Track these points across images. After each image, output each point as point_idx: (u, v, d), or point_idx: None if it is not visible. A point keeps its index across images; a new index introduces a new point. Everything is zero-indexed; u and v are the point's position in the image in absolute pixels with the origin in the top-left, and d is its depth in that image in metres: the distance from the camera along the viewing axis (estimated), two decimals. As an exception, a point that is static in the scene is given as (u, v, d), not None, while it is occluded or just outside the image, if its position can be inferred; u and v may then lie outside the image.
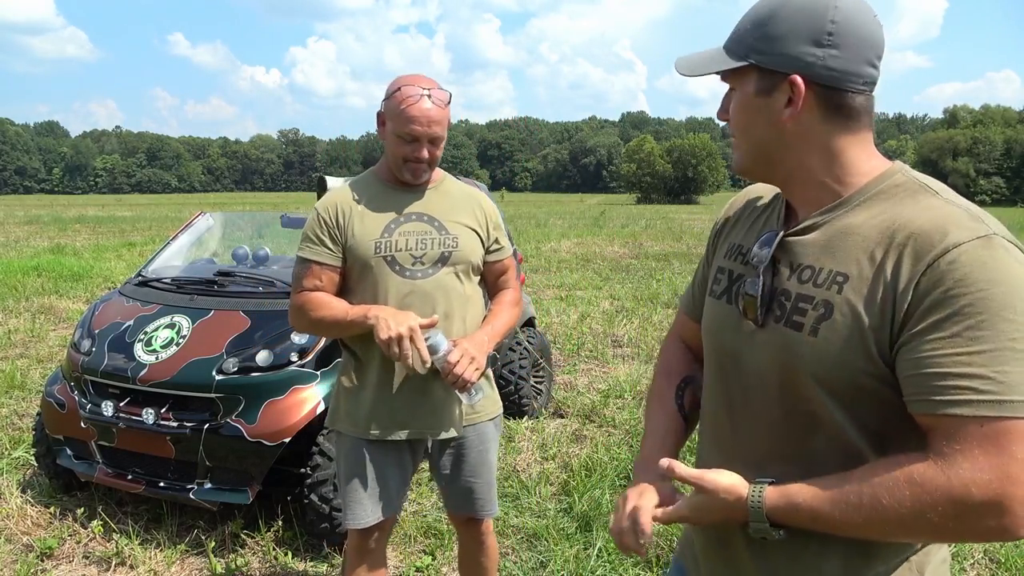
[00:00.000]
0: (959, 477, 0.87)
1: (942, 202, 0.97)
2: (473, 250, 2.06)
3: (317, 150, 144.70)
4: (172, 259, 4.05)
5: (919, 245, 0.92)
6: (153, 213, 32.70)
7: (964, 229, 0.91)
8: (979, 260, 0.89)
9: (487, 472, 2.16)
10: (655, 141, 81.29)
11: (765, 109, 1.04)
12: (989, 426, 0.87)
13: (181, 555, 3.12)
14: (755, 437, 1.10)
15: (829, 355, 0.98)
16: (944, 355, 0.89)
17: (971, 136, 76.50)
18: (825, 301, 0.99)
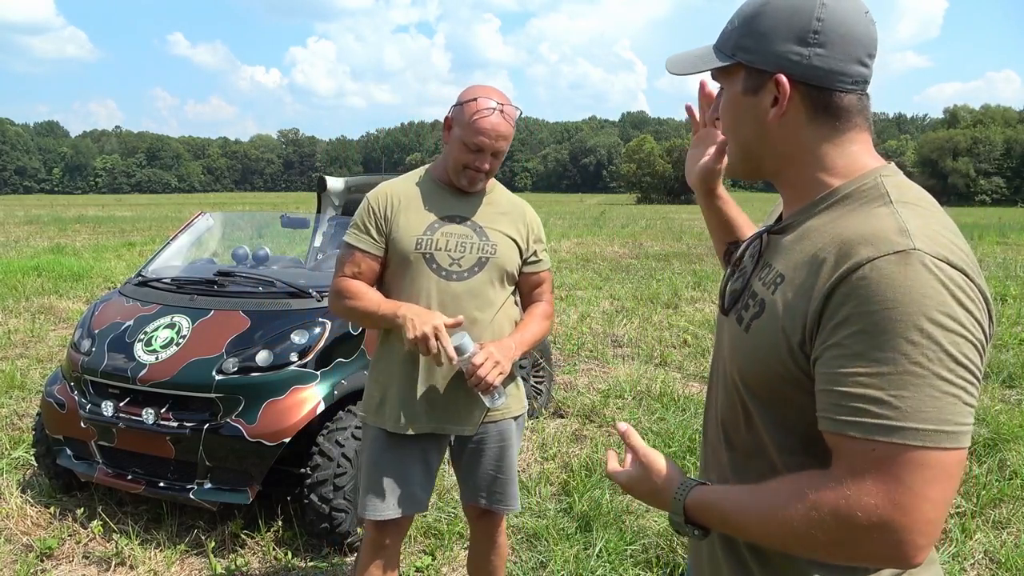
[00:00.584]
0: (847, 499, 0.86)
1: (886, 212, 0.93)
2: (510, 259, 2.11)
3: (317, 150, 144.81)
4: (172, 259, 4.04)
5: (839, 255, 0.90)
6: (153, 213, 32.71)
7: (884, 243, 0.87)
8: (889, 277, 0.85)
9: (506, 467, 2.19)
10: (655, 141, 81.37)
11: (752, 108, 1.03)
12: (881, 450, 0.84)
13: (181, 555, 3.12)
14: (715, 417, 1.15)
15: (753, 354, 0.99)
16: (845, 373, 0.86)
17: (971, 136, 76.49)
18: (762, 300, 1.01)
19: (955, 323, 0.84)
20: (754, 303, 1.02)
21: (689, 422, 4.44)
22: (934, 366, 0.83)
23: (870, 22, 1.00)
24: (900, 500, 0.83)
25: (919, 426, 0.83)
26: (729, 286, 1.14)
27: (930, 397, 0.83)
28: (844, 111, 1.00)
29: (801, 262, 0.96)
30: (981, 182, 74.77)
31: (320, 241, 4.54)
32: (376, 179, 5.28)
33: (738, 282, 1.11)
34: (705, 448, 1.19)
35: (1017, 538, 3.22)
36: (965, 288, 0.86)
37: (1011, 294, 9.15)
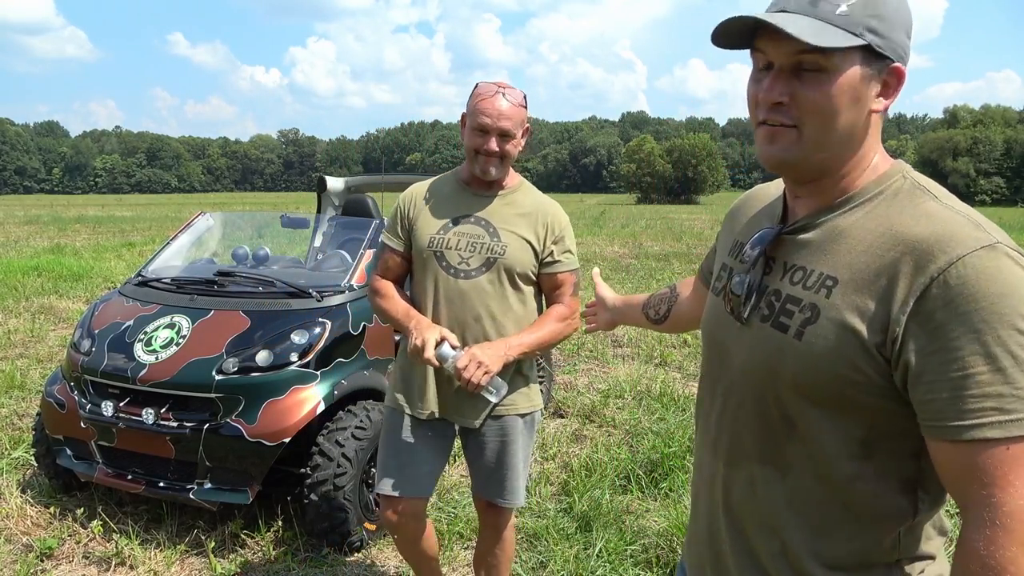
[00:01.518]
0: (1007, 509, 0.82)
1: (941, 207, 0.92)
2: (520, 260, 2.13)
3: (317, 150, 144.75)
4: (172, 259, 4.04)
5: (920, 255, 0.87)
6: (153, 213, 32.71)
7: (968, 239, 0.86)
8: (987, 272, 0.83)
9: (507, 463, 2.23)
10: (655, 141, 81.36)
11: (863, 95, 0.94)
12: (1017, 447, 0.81)
13: (181, 555, 3.12)
14: (734, 434, 1.07)
15: (813, 361, 0.94)
16: (963, 376, 0.83)
17: (971, 136, 76.49)
18: (812, 304, 0.95)
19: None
20: (799, 308, 0.96)
21: (689, 422, 4.44)
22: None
23: None
24: None
25: None
26: (730, 290, 1.09)
27: None
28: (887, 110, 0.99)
29: (854, 262, 0.93)
30: (981, 182, 74.74)
31: (320, 241, 4.54)
32: (376, 179, 5.32)
33: (741, 286, 1.06)
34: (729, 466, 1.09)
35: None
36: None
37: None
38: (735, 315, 1.07)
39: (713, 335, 1.14)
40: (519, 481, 2.25)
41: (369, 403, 3.29)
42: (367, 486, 3.23)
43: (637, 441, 4.26)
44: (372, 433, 3.16)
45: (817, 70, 0.93)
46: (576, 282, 2.23)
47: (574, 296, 2.22)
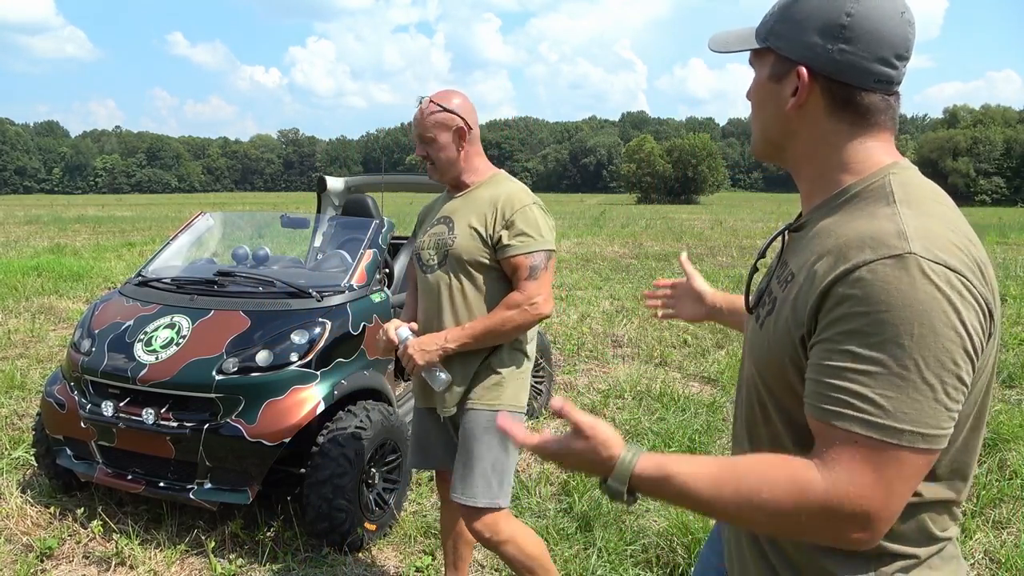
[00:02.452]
0: (836, 487, 0.88)
1: (887, 213, 0.94)
2: (466, 248, 2.20)
3: (317, 150, 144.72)
4: (172, 259, 4.04)
5: (838, 255, 0.92)
6: (153, 213, 32.71)
7: (881, 247, 0.89)
8: (884, 281, 0.87)
9: (466, 457, 2.22)
10: (655, 141, 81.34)
11: (775, 95, 1.05)
12: (867, 445, 0.88)
13: (181, 555, 3.12)
14: (737, 419, 1.19)
15: (766, 350, 1.03)
16: (836, 367, 0.89)
17: (971, 136, 76.47)
18: (776, 298, 1.04)
19: (948, 329, 0.86)
20: (769, 301, 1.06)
21: (689, 422, 4.44)
22: (923, 372, 0.86)
23: (906, 23, 0.99)
24: (877, 492, 0.88)
25: (901, 426, 0.86)
26: (755, 285, 1.19)
27: (914, 400, 0.86)
28: (865, 109, 1.00)
29: (809, 261, 0.98)
30: (981, 182, 74.73)
31: (320, 241, 4.54)
32: (376, 179, 5.32)
33: (763, 281, 1.14)
34: (734, 448, 1.22)
35: (1017, 538, 3.22)
36: (962, 292, 0.87)
37: (1011, 294, 9.15)
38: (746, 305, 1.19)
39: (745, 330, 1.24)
40: (475, 478, 2.19)
41: (369, 403, 3.29)
42: (367, 486, 3.23)
43: (637, 441, 4.26)
44: (372, 433, 3.16)
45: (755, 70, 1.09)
46: (533, 265, 2.16)
47: (530, 280, 2.16)
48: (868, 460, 0.88)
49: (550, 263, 2.20)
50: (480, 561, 3.09)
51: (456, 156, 2.26)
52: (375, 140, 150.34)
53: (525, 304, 2.16)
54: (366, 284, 3.57)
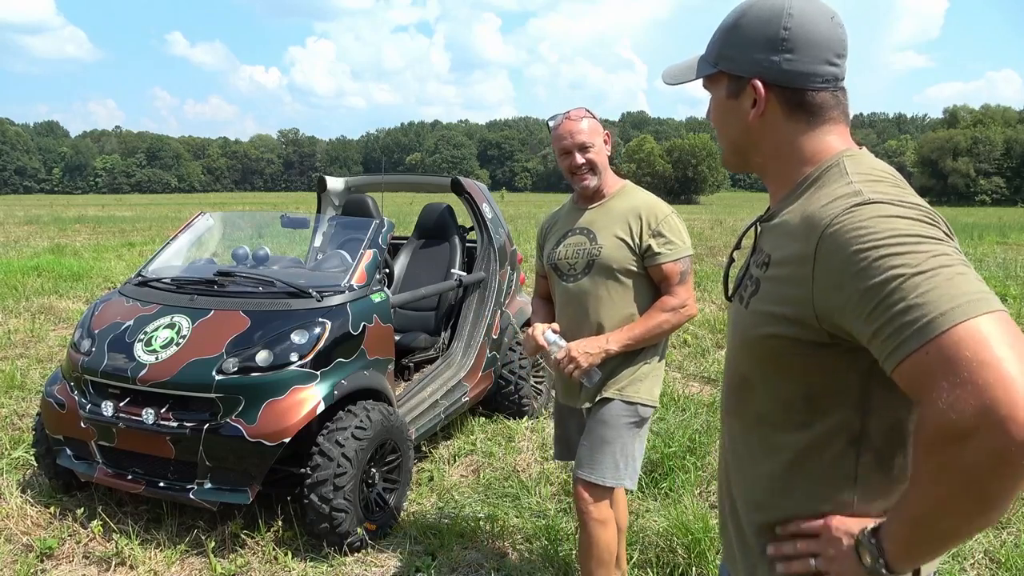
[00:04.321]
0: (937, 412, 0.83)
1: (843, 183, 1.03)
2: (615, 258, 2.34)
3: (317, 150, 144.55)
4: (172, 259, 4.04)
5: (808, 227, 1.01)
6: (153, 213, 32.71)
7: (838, 205, 0.98)
8: (851, 221, 0.95)
9: (599, 439, 2.35)
10: (655, 141, 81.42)
11: (735, 110, 1.16)
12: (935, 349, 0.84)
13: (181, 555, 3.12)
14: (725, 394, 1.26)
15: (754, 326, 1.10)
16: (871, 311, 0.90)
17: (971, 136, 76.47)
18: (757, 279, 1.12)
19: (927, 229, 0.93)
20: (751, 283, 1.14)
21: (689, 422, 4.44)
22: (929, 261, 0.88)
23: (836, 25, 1.11)
24: (980, 376, 0.81)
25: (951, 305, 0.84)
26: (733, 274, 1.26)
27: (945, 282, 0.86)
28: (818, 107, 1.11)
29: (781, 242, 1.07)
30: (981, 182, 74.73)
31: (320, 241, 4.54)
32: (376, 179, 5.32)
33: (742, 269, 1.23)
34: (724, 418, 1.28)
35: (1017, 538, 3.22)
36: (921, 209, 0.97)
37: (1011, 294, 9.15)
38: (725, 293, 1.28)
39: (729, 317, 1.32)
40: (606, 457, 2.33)
41: (369, 403, 3.29)
42: (367, 486, 3.23)
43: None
44: (372, 433, 3.16)
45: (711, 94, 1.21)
46: (683, 271, 2.34)
47: (681, 284, 2.35)
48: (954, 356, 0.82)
49: (691, 267, 2.40)
50: (479, 562, 3.09)
51: (607, 161, 2.43)
52: (375, 140, 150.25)
53: (679, 308, 2.35)
54: (366, 284, 3.57)
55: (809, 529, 1.06)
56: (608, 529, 2.35)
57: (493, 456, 4.13)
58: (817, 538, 1.05)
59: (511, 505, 3.51)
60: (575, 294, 2.40)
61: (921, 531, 0.92)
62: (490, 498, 3.59)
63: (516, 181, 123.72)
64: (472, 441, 4.35)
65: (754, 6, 1.12)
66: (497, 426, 4.60)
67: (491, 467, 4.01)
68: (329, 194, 5.16)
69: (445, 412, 4.08)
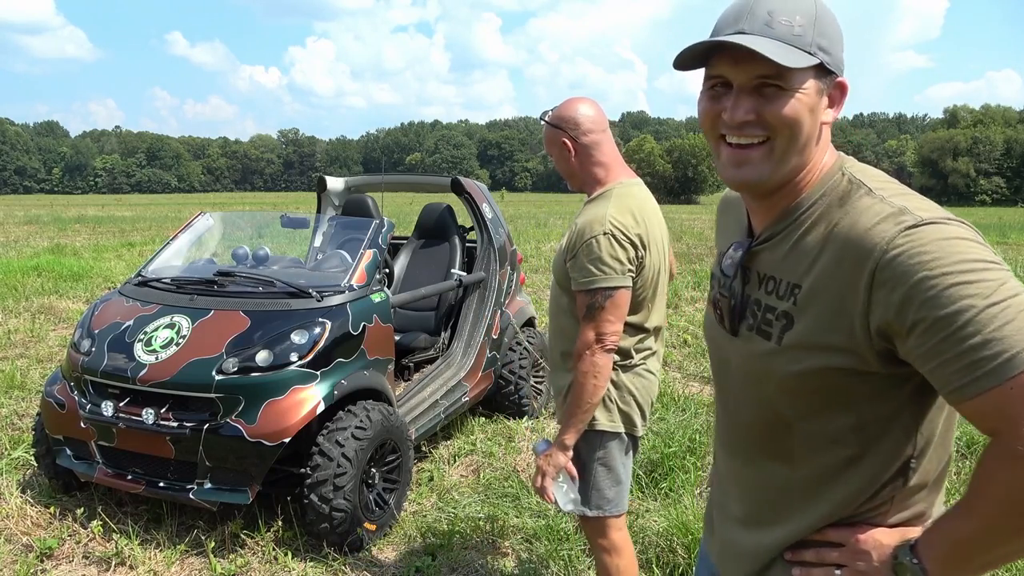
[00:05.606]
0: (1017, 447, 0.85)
1: (872, 201, 0.98)
2: (555, 264, 2.18)
3: (317, 150, 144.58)
4: (172, 259, 4.04)
5: (855, 252, 0.94)
6: (153, 213, 32.72)
7: (887, 228, 0.92)
8: (912, 252, 0.89)
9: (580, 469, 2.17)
10: (655, 141, 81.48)
11: (818, 108, 1.02)
12: (1018, 384, 0.84)
13: (181, 555, 3.12)
14: (742, 433, 1.17)
15: (794, 363, 1.02)
16: (941, 342, 0.87)
17: (971, 136, 76.50)
18: (785, 312, 1.03)
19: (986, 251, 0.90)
20: (775, 317, 1.05)
21: (689, 422, 4.44)
22: (1000, 291, 0.86)
23: None
24: None
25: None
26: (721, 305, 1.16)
27: (1018, 314, 0.85)
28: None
29: (811, 268, 1.00)
30: (981, 182, 74.77)
31: (320, 241, 4.54)
32: (376, 179, 5.32)
33: (727, 298, 1.14)
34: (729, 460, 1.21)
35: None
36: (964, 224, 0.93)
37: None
38: (728, 328, 1.15)
39: (712, 342, 1.24)
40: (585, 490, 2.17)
41: (369, 403, 3.29)
42: (367, 486, 3.23)
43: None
44: (372, 433, 3.16)
45: (780, 87, 0.99)
46: (590, 304, 2.01)
47: (588, 321, 2.02)
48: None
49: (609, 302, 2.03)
50: (479, 562, 3.09)
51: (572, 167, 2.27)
52: (375, 140, 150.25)
53: (584, 351, 2.04)
54: (366, 284, 3.57)
55: (835, 538, 1.04)
56: (616, 555, 2.22)
57: (493, 456, 4.14)
58: (841, 547, 1.03)
59: (511, 505, 3.51)
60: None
61: (971, 555, 0.92)
62: (490, 498, 3.59)
63: (516, 181, 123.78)
64: (472, 441, 4.35)
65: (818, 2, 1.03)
66: (497, 426, 4.60)
67: (491, 467, 4.01)
68: (329, 194, 5.16)
69: (445, 412, 4.08)
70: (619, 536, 2.25)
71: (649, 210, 2.16)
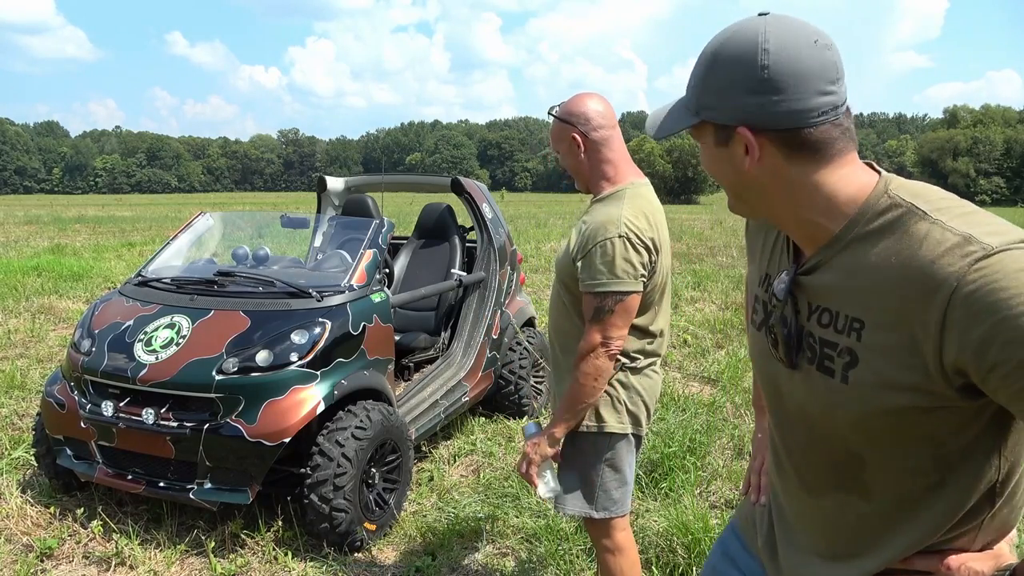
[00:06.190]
0: None
1: (932, 228, 0.92)
2: (560, 263, 2.15)
3: (317, 150, 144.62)
4: (172, 259, 4.04)
5: (922, 288, 0.89)
6: (153, 213, 32.71)
7: (955, 259, 0.88)
8: (988, 287, 0.84)
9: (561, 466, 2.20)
10: (655, 141, 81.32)
11: (728, 159, 1.03)
12: None
13: (181, 555, 3.12)
14: (809, 467, 1.13)
15: (864, 401, 0.97)
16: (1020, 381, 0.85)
17: (971, 136, 76.52)
18: (848, 348, 0.98)
19: None
20: (837, 354, 1.00)
21: (689, 422, 4.44)
22: None
23: (823, 48, 0.97)
24: None
25: None
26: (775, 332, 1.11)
27: None
28: (821, 143, 0.98)
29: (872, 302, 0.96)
30: (981, 182, 74.75)
31: (320, 241, 4.54)
32: (376, 179, 5.32)
33: (778, 327, 1.09)
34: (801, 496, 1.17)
35: (1018, 538, 3.21)
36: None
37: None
38: (785, 361, 1.10)
39: (764, 371, 1.19)
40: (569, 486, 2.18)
41: (369, 403, 3.29)
42: (367, 486, 3.23)
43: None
44: (372, 433, 3.16)
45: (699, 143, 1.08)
46: (599, 306, 1.99)
47: (595, 323, 2.00)
48: None
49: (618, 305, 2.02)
50: (479, 562, 3.09)
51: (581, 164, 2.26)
52: (375, 140, 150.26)
53: (588, 352, 2.03)
54: (366, 284, 3.57)
55: (922, 566, 1.03)
56: (619, 556, 2.23)
57: (493, 456, 4.14)
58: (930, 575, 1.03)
59: (511, 505, 3.51)
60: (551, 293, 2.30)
61: None
62: (490, 498, 3.59)
63: (516, 181, 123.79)
64: (472, 441, 4.35)
65: (726, 44, 0.99)
66: (497, 426, 4.60)
67: (491, 467, 4.01)
68: (329, 194, 5.16)
69: (445, 412, 4.08)
70: (623, 536, 2.25)
71: (658, 212, 2.15)
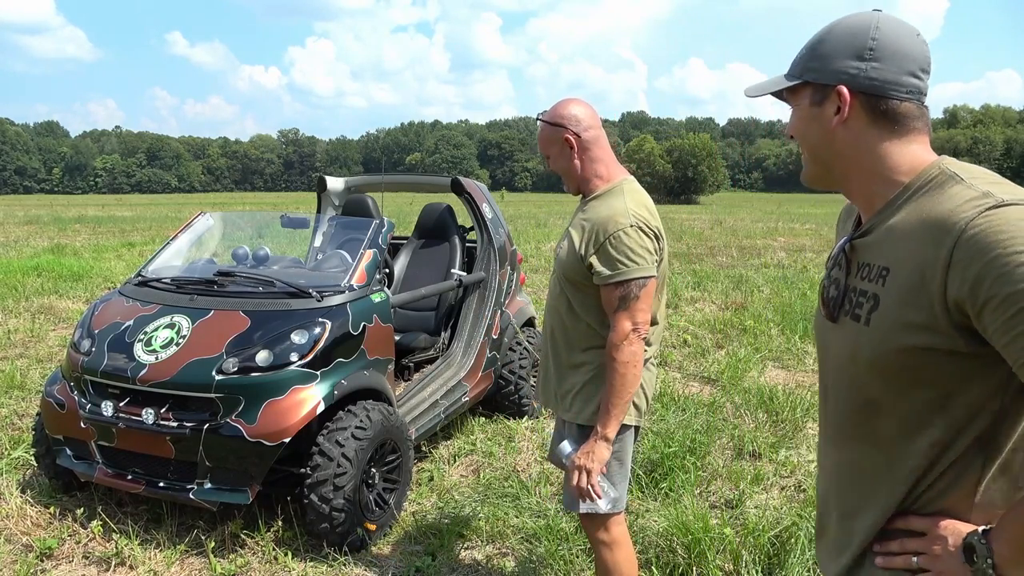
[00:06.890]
0: None
1: (961, 187, 1.03)
2: (565, 262, 2.16)
3: (317, 150, 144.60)
4: (172, 259, 4.04)
5: (937, 232, 1.00)
6: (153, 213, 32.71)
7: (969, 208, 0.98)
8: (990, 230, 0.95)
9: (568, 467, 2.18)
10: (655, 141, 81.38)
11: (819, 118, 1.16)
12: None
13: (181, 555, 3.12)
14: (836, 418, 1.23)
15: (879, 340, 1.08)
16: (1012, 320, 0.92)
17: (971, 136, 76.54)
18: (874, 294, 1.10)
19: None
20: (866, 299, 1.12)
21: (689, 422, 4.44)
22: None
23: (922, 42, 1.13)
24: None
25: None
26: (828, 296, 1.24)
27: None
28: (903, 116, 1.12)
29: (899, 251, 1.07)
30: (981, 182, 74.71)
31: (320, 241, 4.54)
32: (376, 179, 5.32)
33: (833, 290, 1.22)
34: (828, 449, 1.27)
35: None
36: None
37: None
38: (828, 316, 1.23)
39: (817, 338, 1.32)
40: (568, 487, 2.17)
41: (369, 403, 3.29)
42: (367, 486, 3.23)
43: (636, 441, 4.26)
44: (372, 433, 3.16)
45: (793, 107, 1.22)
46: (623, 295, 2.03)
47: (622, 311, 2.04)
48: None
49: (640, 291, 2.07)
50: (479, 562, 3.09)
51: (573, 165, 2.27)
52: (375, 140, 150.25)
53: (621, 343, 2.06)
54: (366, 284, 3.57)
55: (918, 526, 1.10)
56: (617, 551, 2.24)
57: (493, 456, 4.14)
58: (923, 536, 1.09)
59: (511, 505, 3.51)
60: (548, 292, 2.33)
61: None
62: (490, 498, 3.59)
63: (516, 181, 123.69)
64: (472, 441, 4.35)
65: (842, 22, 1.15)
66: (497, 426, 4.60)
67: (491, 467, 4.01)
68: (329, 194, 5.16)
69: (445, 412, 4.08)
70: (619, 531, 2.27)
71: (653, 206, 2.23)
